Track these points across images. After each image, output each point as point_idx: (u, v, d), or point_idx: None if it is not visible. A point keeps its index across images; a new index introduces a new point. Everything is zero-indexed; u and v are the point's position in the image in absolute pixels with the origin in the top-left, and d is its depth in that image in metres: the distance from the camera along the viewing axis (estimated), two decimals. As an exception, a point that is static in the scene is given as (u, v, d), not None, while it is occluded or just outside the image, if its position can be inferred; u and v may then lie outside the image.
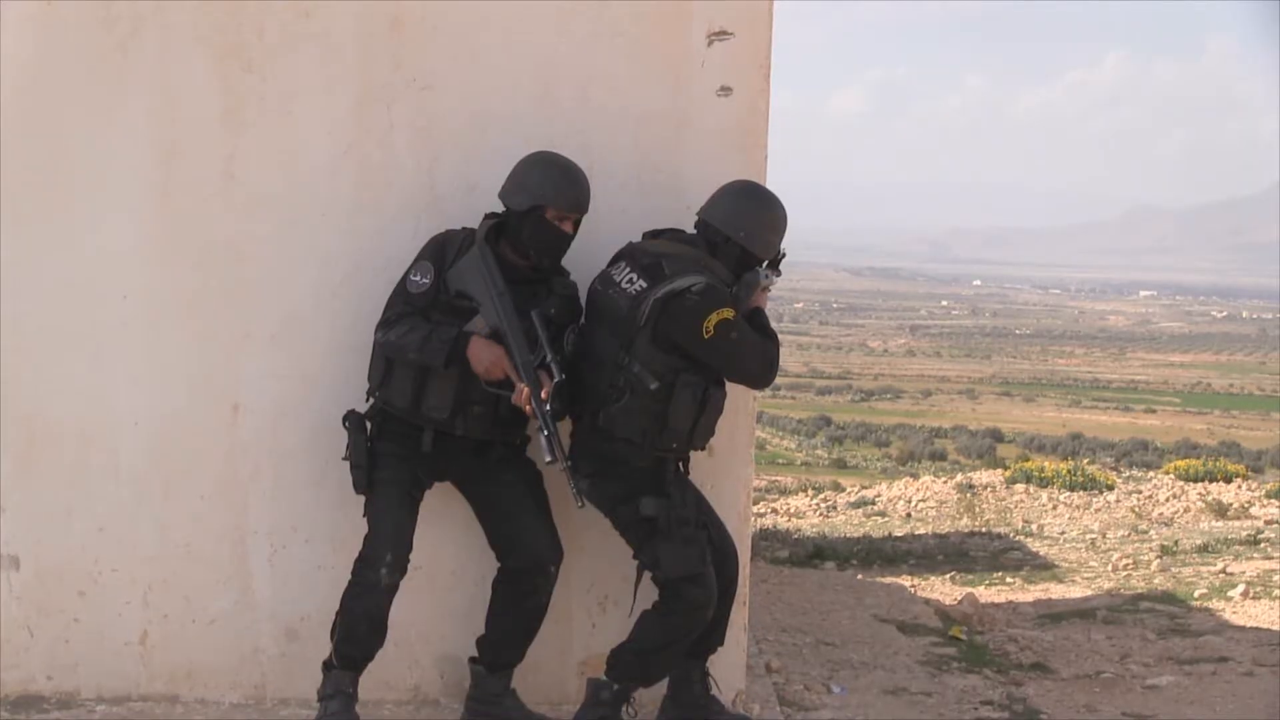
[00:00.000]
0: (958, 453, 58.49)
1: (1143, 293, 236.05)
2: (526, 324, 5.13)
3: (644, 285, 5.11)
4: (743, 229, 5.22)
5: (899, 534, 14.64)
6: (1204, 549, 12.21)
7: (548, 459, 5.08)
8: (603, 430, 5.16)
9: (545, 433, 5.07)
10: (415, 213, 5.61)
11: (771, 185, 5.46)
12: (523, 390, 5.07)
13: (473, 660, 5.54)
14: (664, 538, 5.13)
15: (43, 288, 5.61)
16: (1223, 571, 10.71)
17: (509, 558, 5.41)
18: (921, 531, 14.94)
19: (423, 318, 5.18)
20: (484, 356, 5.10)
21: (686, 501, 5.24)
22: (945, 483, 19.51)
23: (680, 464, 5.35)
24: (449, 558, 5.74)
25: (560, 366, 5.13)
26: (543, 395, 5.06)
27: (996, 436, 65.06)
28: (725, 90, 5.62)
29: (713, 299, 5.04)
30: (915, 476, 24.64)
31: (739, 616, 5.71)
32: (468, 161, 5.63)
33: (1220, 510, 15.76)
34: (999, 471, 20.41)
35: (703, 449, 5.40)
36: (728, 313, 5.05)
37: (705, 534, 5.28)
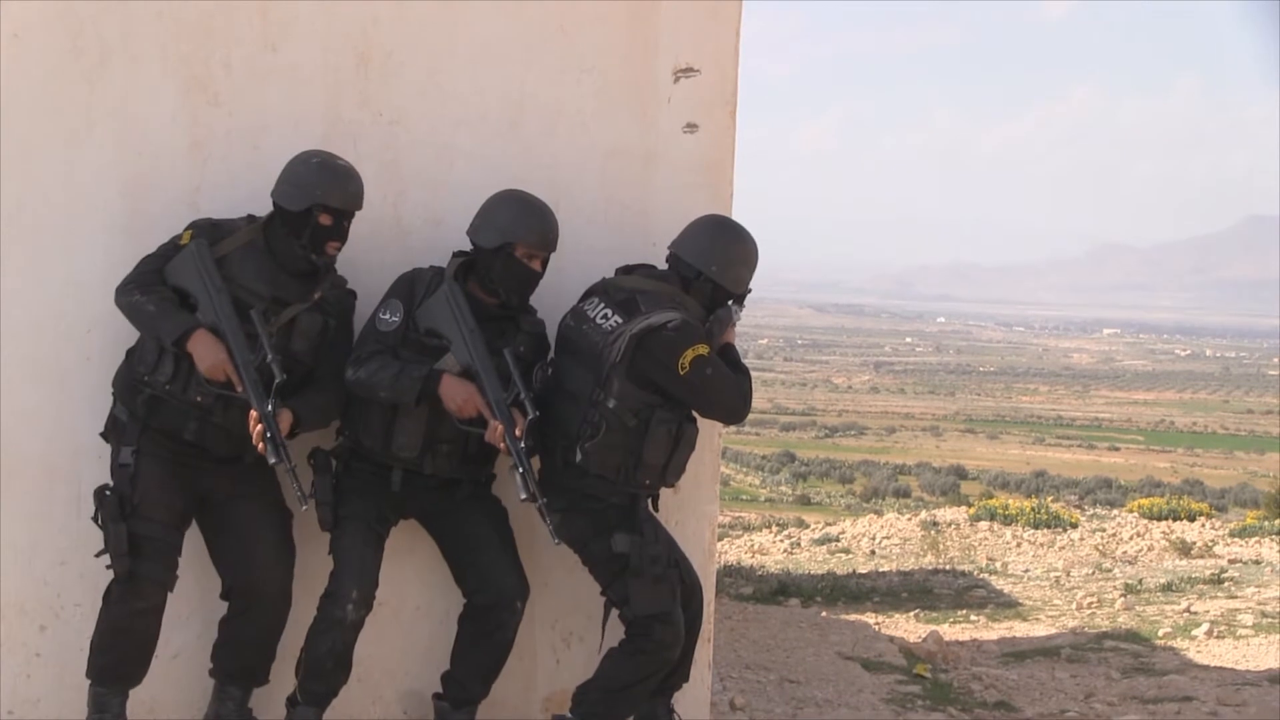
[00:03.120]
0: (922, 490, 58.72)
1: (1107, 330, 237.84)
2: (499, 362, 5.12)
3: (619, 321, 5.11)
4: (714, 263, 5.23)
5: (863, 571, 14.67)
6: (1168, 588, 12.26)
7: (522, 496, 5.05)
8: (576, 466, 5.14)
9: (520, 470, 5.05)
10: (381, 246, 5.59)
11: (738, 221, 5.46)
12: (496, 427, 5.06)
13: (437, 696, 5.50)
14: (634, 575, 5.11)
15: (8, 319, 5.54)
16: (1187, 610, 10.75)
17: (476, 594, 5.38)
18: (886, 569, 14.98)
19: (393, 356, 5.17)
20: (457, 394, 5.09)
21: (659, 539, 5.23)
22: (909, 520, 19.59)
23: (651, 501, 5.35)
24: (414, 593, 5.71)
25: (532, 404, 5.11)
26: (517, 433, 5.05)
27: (960, 474, 65.28)
28: (692, 126, 5.64)
29: (687, 335, 5.04)
30: (879, 513, 24.73)
31: (703, 653, 5.69)
32: (434, 196, 5.63)
33: (1184, 549, 15.85)
34: (963, 509, 20.52)
35: (673, 486, 5.40)
36: (702, 349, 5.05)
37: (676, 572, 5.26)
